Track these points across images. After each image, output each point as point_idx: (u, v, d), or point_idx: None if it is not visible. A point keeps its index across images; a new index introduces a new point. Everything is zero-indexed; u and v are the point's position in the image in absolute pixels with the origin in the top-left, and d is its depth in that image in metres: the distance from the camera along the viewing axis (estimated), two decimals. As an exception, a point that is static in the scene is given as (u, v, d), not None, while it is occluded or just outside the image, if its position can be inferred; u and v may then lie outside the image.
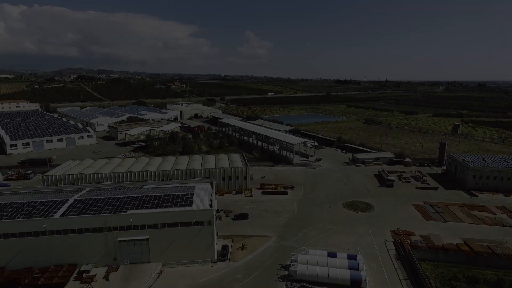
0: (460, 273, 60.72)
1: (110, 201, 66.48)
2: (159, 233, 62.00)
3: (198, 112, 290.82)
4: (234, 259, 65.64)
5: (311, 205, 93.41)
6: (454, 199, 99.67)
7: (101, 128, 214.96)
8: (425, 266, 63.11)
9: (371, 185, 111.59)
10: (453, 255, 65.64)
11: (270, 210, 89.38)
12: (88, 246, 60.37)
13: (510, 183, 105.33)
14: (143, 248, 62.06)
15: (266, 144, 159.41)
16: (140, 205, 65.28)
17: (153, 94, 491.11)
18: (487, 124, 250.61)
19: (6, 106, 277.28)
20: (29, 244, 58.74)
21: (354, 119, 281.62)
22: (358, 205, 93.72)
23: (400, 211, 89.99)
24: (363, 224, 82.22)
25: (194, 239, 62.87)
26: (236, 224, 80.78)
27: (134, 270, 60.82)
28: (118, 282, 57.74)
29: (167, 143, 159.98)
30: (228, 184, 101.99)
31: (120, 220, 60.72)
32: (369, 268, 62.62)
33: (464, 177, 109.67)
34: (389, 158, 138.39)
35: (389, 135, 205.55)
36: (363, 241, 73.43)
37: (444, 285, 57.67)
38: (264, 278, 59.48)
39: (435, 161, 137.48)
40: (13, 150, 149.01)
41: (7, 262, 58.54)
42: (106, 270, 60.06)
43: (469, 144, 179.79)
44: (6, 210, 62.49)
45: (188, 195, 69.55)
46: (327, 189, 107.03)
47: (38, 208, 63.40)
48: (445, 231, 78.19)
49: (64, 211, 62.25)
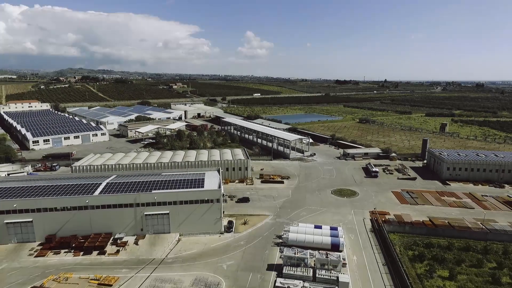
0: (420, 240, 75.30)
1: (136, 183, 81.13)
2: (177, 209, 76.59)
3: (201, 112, 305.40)
4: (237, 231, 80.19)
5: (303, 192, 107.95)
6: (429, 187, 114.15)
7: (111, 126, 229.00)
8: (393, 237, 77.63)
9: (358, 176, 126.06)
10: (417, 228, 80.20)
11: (268, 196, 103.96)
12: (121, 219, 75.00)
13: (479, 174, 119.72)
14: (165, 221, 76.62)
15: (265, 141, 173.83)
16: (161, 186, 79.89)
17: (156, 95, 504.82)
18: (475, 123, 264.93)
19: (19, 106, 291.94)
20: (75, 216, 73.35)
21: (349, 118, 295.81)
22: (344, 192, 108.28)
23: (380, 197, 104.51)
24: (347, 206, 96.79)
25: (205, 214, 77.44)
26: (239, 206, 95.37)
27: (158, 238, 75.44)
28: (145, 247, 72.35)
29: (175, 140, 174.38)
30: (231, 174, 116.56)
31: (147, 198, 75.35)
32: (348, 238, 77.18)
33: (440, 169, 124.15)
34: (376, 153, 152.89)
35: (380, 133, 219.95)
36: (345, 219, 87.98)
37: (406, 249, 72.19)
38: (262, 244, 74.06)
39: (418, 156, 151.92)
40: (35, 146, 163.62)
41: (57, 230, 73.18)
42: (135, 238, 74.73)
43: (454, 141, 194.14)
44: (54, 190, 77.14)
45: (200, 179, 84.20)
46: (318, 179, 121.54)
47: (79, 188, 78.00)
48: (415, 211, 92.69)
49: (101, 191, 76.90)
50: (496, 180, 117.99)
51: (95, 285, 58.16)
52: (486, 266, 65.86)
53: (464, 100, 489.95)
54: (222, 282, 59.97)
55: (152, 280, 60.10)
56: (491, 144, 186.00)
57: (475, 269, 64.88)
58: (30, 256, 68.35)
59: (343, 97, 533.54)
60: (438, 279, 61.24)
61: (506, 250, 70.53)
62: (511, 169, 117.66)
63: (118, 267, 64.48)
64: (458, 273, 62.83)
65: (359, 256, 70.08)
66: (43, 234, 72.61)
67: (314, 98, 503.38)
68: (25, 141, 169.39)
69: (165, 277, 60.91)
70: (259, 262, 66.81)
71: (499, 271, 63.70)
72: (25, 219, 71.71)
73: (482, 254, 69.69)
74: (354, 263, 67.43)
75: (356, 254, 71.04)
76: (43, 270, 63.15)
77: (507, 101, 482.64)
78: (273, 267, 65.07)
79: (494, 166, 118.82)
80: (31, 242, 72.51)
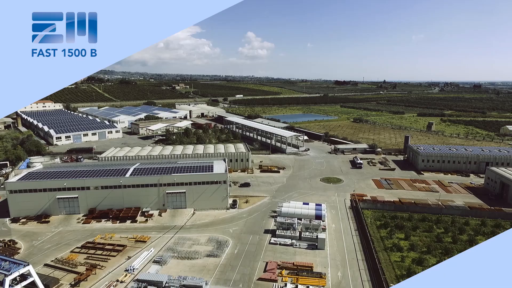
0: (387, 214, 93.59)
1: (158, 169, 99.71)
2: (192, 189, 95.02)
3: (204, 111, 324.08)
4: (240, 207, 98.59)
5: (296, 179, 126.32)
6: (405, 176, 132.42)
7: (122, 125, 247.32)
8: (366, 212, 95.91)
9: (345, 167, 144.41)
10: (386, 205, 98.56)
11: (266, 182, 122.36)
12: (147, 196, 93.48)
13: (450, 165, 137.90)
14: (182, 198, 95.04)
15: (264, 138, 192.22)
16: (179, 171, 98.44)
17: (160, 95, 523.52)
18: (461, 123, 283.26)
19: (34, 106, 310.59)
20: (111, 193, 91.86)
21: (344, 118, 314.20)
22: (331, 179, 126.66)
23: (361, 183, 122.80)
24: (332, 190, 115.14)
25: (214, 193, 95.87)
26: (241, 190, 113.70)
27: (176, 212, 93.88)
28: (167, 218, 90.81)
29: (183, 136, 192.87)
30: (234, 164, 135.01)
31: (167, 179, 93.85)
32: (330, 212, 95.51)
33: (416, 161, 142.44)
34: (363, 148, 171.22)
35: (371, 131, 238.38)
36: (329, 199, 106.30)
37: (375, 220, 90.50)
38: (260, 216, 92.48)
39: (401, 151, 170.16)
40: (58, 142, 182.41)
41: (97, 205, 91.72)
42: (158, 211, 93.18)
43: (438, 138, 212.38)
44: (94, 173, 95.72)
45: (210, 166, 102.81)
46: (310, 169, 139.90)
47: (113, 172, 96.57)
48: (389, 194, 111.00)
49: (130, 173, 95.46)
50: (464, 170, 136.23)
51: (133, 241, 76.70)
52: (436, 231, 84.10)
53: (458, 101, 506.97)
54: (230, 240, 78.40)
55: (176, 239, 78.60)
56: (471, 141, 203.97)
57: (427, 233, 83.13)
58: (78, 223, 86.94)
59: (341, 97, 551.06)
60: (395, 239, 79.53)
61: (453, 221, 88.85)
62: (476, 161, 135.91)
63: (148, 231, 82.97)
64: (412, 235, 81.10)
65: (337, 225, 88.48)
66: (86, 208, 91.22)
67: (312, 98, 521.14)
68: (48, 138, 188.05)
69: (185, 237, 79.42)
70: (258, 228, 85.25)
71: (444, 234, 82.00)
72: (72, 195, 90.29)
73: (435, 223, 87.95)
74: (332, 229, 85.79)
75: (335, 223, 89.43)
76: (91, 232, 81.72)
77: (500, 101, 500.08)
78: (268, 231, 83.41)
79: (462, 158, 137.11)
80: (76, 214, 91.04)
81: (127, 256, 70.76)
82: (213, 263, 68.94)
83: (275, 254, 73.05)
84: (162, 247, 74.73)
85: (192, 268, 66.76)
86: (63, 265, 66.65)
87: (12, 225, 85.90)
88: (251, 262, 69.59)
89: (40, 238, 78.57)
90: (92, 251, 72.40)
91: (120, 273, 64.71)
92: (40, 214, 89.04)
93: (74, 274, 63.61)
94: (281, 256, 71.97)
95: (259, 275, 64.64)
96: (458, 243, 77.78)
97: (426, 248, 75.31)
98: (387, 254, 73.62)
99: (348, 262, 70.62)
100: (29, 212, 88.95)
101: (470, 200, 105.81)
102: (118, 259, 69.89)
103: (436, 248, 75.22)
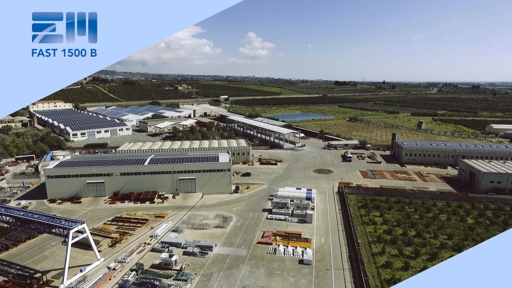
0: (368, 198, 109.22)
1: (171, 159, 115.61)
2: (201, 176, 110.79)
3: (207, 111, 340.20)
4: (242, 192, 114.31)
5: (292, 170, 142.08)
6: (389, 168, 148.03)
7: (130, 123, 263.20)
8: (350, 196, 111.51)
9: (336, 160, 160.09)
10: (368, 190, 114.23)
11: (264, 172, 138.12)
12: (163, 182, 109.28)
13: (430, 158, 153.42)
14: (192, 183, 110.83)
15: (264, 135, 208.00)
16: (189, 161, 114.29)
17: (163, 95, 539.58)
18: (451, 122, 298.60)
19: (46, 105, 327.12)
20: (132, 179, 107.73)
21: (341, 117, 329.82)
22: (323, 171, 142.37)
23: (349, 174, 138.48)
24: (323, 179, 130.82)
25: (220, 179, 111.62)
26: (243, 178, 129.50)
27: (187, 195, 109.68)
28: (180, 200, 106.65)
29: (188, 133, 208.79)
30: (236, 157, 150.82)
31: (180, 168, 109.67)
32: (319, 196, 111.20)
33: (400, 155, 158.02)
34: (355, 144, 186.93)
35: (365, 130, 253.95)
36: (320, 186, 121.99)
37: (357, 202, 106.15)
38: (259, 199, 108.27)
39: (389, 147, 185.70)
40: (74, 138, 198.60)
41: (120, 188, 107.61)
42: (172, 195, 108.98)
43: (426, 136, 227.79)
44: (117, 162, 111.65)
45: (216, 156, 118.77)
46: (304, 162, 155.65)
47: (133, 161, 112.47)
48: (372, 182, 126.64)
49: (148, 162, 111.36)
50: (443, 163, 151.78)
51: (154, 216, 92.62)
52: (407, 210, 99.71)
53: (454, 101, 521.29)
54: (233, 216, 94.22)
55: (189, 215, 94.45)
56: (457, 138, 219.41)
57: (399, 212, 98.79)
58: (106, 204, 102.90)
59: (339, 98, 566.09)
60: (372, 216, 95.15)
61: (423, 203, 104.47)
62: (454, 155, 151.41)
63: (165, 209, 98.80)
64: (387, 214, 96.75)
65: (324, 206, 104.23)
66: (111, 191, 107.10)
67: (311, 99, 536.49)
68: (64, 134, 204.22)
69: (196, 214, 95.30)
70: (257, 208, 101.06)
71: (414, 213, 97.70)
72: (99, 180, 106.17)
73: (407, 205, 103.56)
74: (320, 208, 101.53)
75: (323, 204, 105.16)
76: (117, 210, 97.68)
77: (494, 102, 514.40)
78: (266, 210, 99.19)
79: (441, 152, 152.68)
80: (103, 196, 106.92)
81: (150, 227, 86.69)
82: (221, 232, 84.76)
83: (271, 226, 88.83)
84: (178, 221, 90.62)
85: (204, 236, 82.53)
86: (99, 232, 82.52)
87: (50, 204, 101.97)
88: (251, 231, 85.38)
89: (77, 214, 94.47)
90: (121, 223, 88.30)
91: (146, 239, 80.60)
92: (72, 196, 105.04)
93: (109, 238, 79.49)
94: (276, 228, 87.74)
95: (257, 240, 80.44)
96: (423, 219, 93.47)
97: (396, 222, 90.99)
98: (363, 227, 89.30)
99: (331, 232, 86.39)
100: (63, 195, 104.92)
101: (443, 187, 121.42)
102: (143, 229, 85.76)
103: (405, 222, 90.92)
